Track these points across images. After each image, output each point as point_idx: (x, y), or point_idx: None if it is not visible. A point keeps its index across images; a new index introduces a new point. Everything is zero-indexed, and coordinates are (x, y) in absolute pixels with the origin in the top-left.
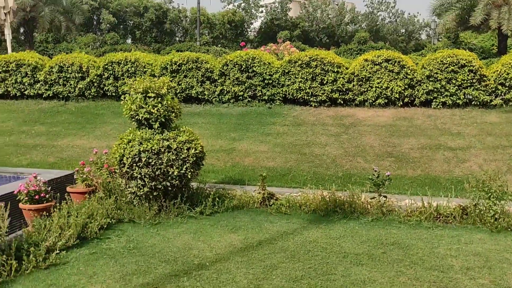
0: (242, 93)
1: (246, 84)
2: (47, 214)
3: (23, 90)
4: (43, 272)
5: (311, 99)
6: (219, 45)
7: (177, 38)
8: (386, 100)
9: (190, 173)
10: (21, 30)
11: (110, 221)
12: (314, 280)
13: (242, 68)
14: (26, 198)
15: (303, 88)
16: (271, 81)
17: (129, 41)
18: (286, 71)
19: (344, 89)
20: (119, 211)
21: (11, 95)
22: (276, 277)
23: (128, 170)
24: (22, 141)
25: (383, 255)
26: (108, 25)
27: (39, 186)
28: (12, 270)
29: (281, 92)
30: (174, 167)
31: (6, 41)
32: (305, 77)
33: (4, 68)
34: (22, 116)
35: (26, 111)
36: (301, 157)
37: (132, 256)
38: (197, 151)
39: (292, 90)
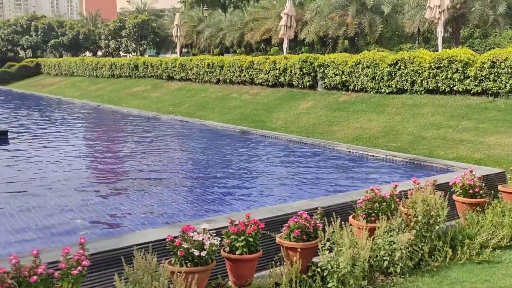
0: None
1: None
2: (480, 209)
3: (452, 85)
4: (476, 266)
5: None
6: None
7: None
8: None
9: None
10: (447, 27)
11: None
12: None
13: None
14: (460, 190)
15: None
16: None
17: None
18: None
19: None
20: None
21: (440, 90)
22: None
23: None
24: (448, 135)
25: None
26: None
27: (474, 181)
28: (446, 257)
29: None
30: None
31: (438, 38)
32: None
33: (436, 65)
34: (450, 111)
35: (454, 106)
36: None
37: None
38: None
39: None
